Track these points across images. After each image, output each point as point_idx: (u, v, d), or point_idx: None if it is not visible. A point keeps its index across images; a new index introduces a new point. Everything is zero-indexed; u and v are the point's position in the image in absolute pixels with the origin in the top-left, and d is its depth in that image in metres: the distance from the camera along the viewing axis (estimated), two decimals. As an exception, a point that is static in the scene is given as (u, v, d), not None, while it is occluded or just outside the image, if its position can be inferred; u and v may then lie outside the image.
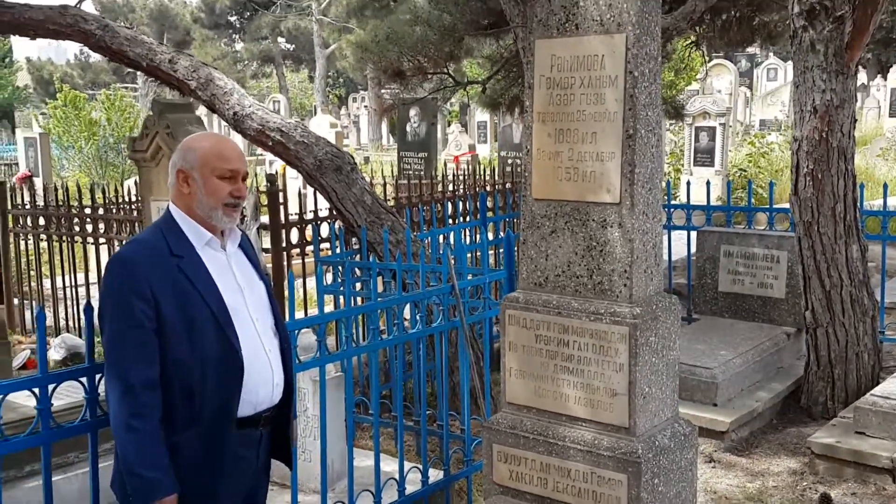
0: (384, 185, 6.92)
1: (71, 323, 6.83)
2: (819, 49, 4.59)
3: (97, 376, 2.50)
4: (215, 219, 2.35)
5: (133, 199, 6.92)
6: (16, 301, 7.29)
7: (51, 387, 2.46)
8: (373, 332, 3.42)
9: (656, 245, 3.19)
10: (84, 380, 2.51)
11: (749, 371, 5.13)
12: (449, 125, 21.94)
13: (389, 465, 3.83)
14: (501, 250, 5.66)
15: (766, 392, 5.11)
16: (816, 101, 4.66)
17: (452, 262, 3.71)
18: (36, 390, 2.44)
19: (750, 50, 28.29)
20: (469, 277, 4.01)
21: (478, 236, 6.00)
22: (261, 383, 2.37)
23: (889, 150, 16.46)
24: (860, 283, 5.01)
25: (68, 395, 3.12)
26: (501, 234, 6.26)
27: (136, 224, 5.89)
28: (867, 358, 5.09)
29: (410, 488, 3.63)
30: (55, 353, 5.96)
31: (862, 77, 37.31)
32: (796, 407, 5.24)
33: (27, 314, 7.30)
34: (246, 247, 2.51)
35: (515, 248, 4.17)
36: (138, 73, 5.85)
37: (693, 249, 6.23)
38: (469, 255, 5.94)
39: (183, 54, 5.00)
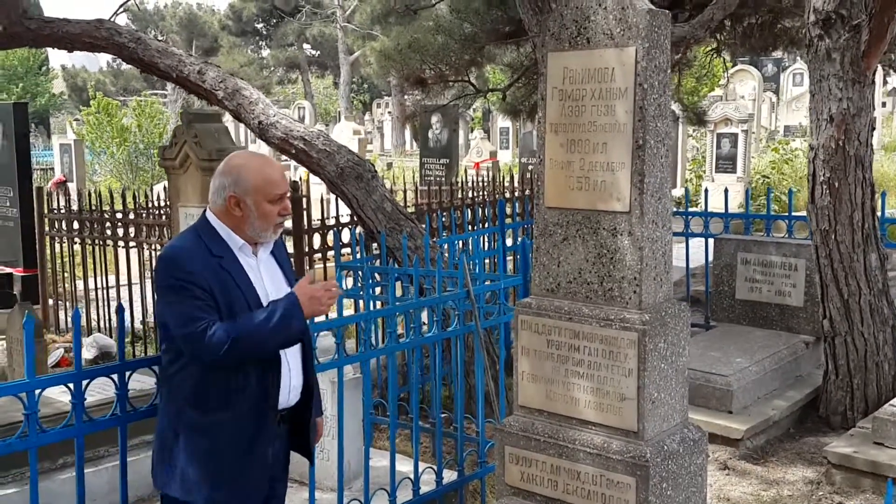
0: (404, 191, 7.02)
1: (103, 323, 7.02)
2: (835, 58, 4.62)
3: (127, 373, 2.63)
4: (265, 237, 2.52)
5: (162, 203, 7.10)
6: (51, 301, 7.53)
7: (84, 382, 2.59)
8: (390, 335, 3.52)
9: (666, 253, 3.26)
10: (115, 377, 2.64)
11: (766, 379, 5.15)
12: (472, 131, 22.04)
13: (405, 466, 3.92)
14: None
15: (783, 400, 5.12)
16: (833, 110, 4.69)
17: (468, 267, 3.80)
18: (71, 385, 2.57)
19: (776, 54, 28.05)
20: (486, 283, 4.09)
21: (496, 243, 6.08)
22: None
23: (918, 156, 16.24)
24: (879, 292, 5.00)
25: (99, 391, 3.26)
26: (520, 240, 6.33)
27: (165, 228, 6.05)
28: (888, 368, 5.08)
29: (425, 488, 3.71)
30: (86, 353, 6.14)
31: (893, 81, 36.76)
32: (815, 416, 5.24)
33: (61, 314, 7.55)
34: (279, 254, 2.64)
35: (530, 255, 4.24)
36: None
37: (711, 257, 6.24)
38: (488, 260, 6.03)
39: (211, 65, 5.15)
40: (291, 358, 2.55)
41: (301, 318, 2.42)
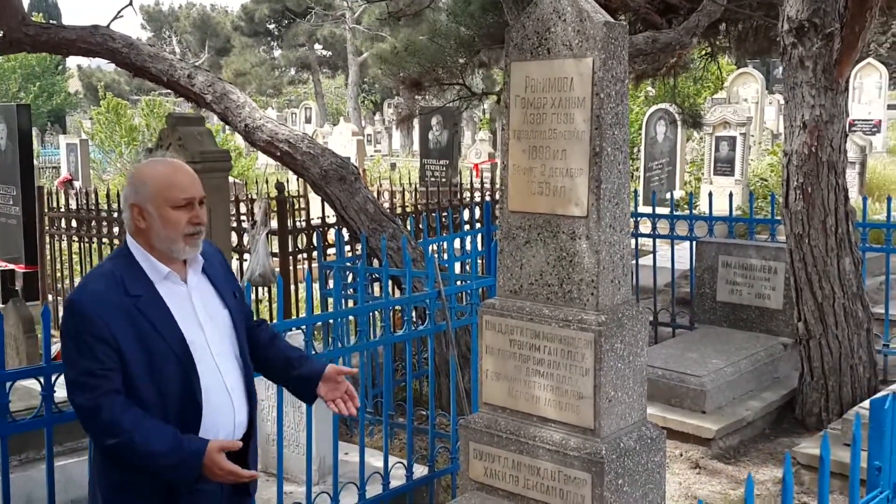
0: (402, 192, 7.14)
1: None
2: (808, 65, 4.69)
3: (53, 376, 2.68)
4: (177, 251, 2.25)
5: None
6: (50, 298, 7.73)
7: (54, 376, 2.68)
8: (360, 333, 3.64)
9: (624, 256, 3.36)
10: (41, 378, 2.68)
11: (741, 380, 5.23)
12: (479, 131, 22.17)
13: (380, 461, 4.03)
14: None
15: (758, 401, 5.19)
16: (805, 117, 4.76)
17: (438, 267, 3.91)
18: (41, 378, 2.67)
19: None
20: (458, 284, 4.21)
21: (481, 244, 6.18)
22: (220, 425, 2.28)
23: (922, 160, 16.19)
24: (854, 296, 5.07)
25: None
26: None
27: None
28: (862, 370, 5.14)
29: (395, 483, 3.83)
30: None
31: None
32: (791, 417, 5.32)
33: (60, 311, 7.73)
34: (212, 271, 2.38)
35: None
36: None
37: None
38: (481, 260, 6.13)
39: (200, 70, 5.30)
40: (235, 394, 2.32)
41: (192, 476, 2.15)
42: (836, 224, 4.93)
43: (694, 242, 6.17)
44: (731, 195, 6.27)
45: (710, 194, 6.41)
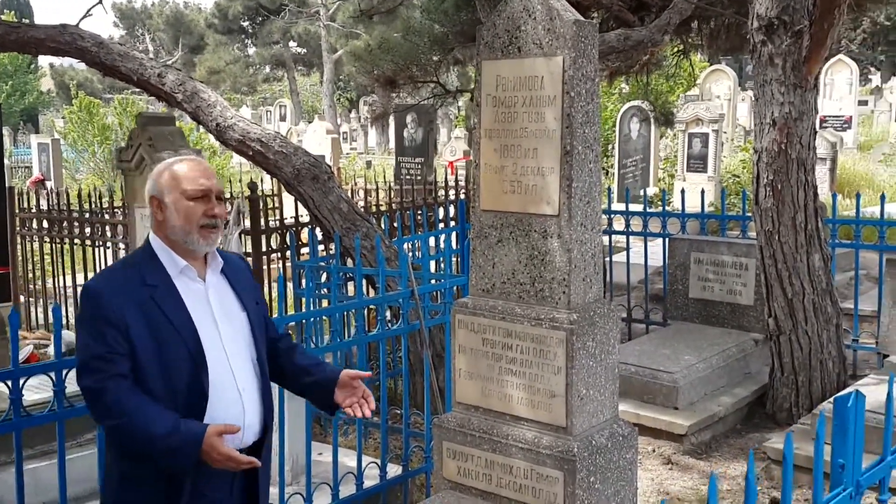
0: (376, 190, 7.12)
1: (71, 321, 7.12)
2: (777, 63, 4.74)
3: (64, 371, 2.70)
4: (192, 243, 2.27)
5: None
6: (22, 299, 7.62)
7: (22, 379, 2.67)
8: (333, 333, 3.62)
9: (595, 255, 3.37)
10: (53, 374, 2.72)
11: (713, 376, 5.27)
12: (454, 128, 22.17)
13: (354, 461, 4.02)
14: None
15: (730, 397, 5.25)
16: (775, 114, 4.81)
17: (412, 266, 3.90)
18: (9, 382, 2.64)
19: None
20: (432, 283, 4.20)
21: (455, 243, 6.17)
22: (228, 422, 2.23)
23: (892, 155, 16.47)
24: (823, 292, 5.13)
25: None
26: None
27: (126, 228, 6.15)
28: (832, 365, 5.21)
29: (369, 482, 3.82)
30: (50, 349, 6.23)
31: (876, 80, 37.15)
32: (762, 413, 5.38)
33: (32, 312, 7.64)
34: (231, 274, 2.40)
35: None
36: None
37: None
38: (456, 259, 6.14)
39: (171, 69, 5.25)
40: (247, 395, 2.31)
41: (190, 461, 2.16)
42: (806, 220, 4.98)
43: (667, 239, 6.22)
44: (703, 192, 6.32)
45: (683, 191, 6.44)
